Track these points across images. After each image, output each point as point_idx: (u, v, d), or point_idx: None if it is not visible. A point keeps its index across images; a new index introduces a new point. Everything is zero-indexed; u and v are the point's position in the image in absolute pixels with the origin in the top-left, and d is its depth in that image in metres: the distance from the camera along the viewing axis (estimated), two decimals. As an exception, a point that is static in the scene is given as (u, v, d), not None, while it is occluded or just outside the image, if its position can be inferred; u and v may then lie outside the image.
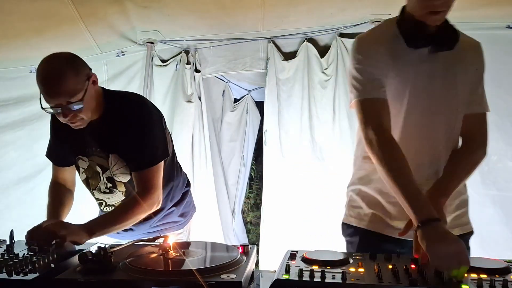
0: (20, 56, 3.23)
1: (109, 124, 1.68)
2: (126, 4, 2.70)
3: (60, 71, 1.53)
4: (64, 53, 1.60)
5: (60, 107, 1.55)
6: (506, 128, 2.75)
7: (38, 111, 3.26)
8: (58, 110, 1.56)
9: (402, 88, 1.51)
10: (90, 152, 1.74)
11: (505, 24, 2.79)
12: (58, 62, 1.56)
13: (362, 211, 1.62)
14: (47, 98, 1.56)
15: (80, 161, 1.78)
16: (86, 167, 1.78)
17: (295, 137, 3.26)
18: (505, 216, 2.79)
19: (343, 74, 3.06)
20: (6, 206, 3.36)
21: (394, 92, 1.51)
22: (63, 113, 1.56)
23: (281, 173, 3.28)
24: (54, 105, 1.55)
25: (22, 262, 1.26)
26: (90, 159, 1.76)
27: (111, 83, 3.36)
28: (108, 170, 1.74)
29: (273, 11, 2.83)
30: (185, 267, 1.19)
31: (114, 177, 1.75)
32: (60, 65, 1.55)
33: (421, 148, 1.53)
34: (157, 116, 1.75)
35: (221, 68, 3.45)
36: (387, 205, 1.56)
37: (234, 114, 4.25)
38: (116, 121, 1.66)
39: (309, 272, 1.11)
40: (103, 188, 1.79)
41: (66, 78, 1.52)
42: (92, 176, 1.79)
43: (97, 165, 1.75)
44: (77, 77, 1.55)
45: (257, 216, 4.86)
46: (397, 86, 1.52)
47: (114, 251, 1.30)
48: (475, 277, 1.13)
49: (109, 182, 1.77)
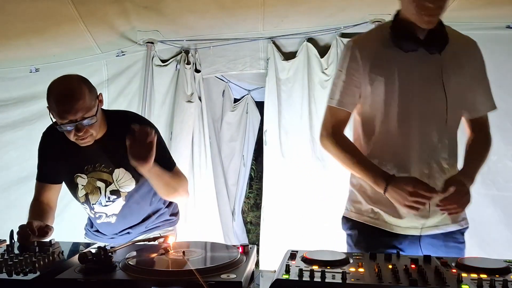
0: (20, 56, 3.23)
1: (114, 141, 1.76)
2: (126, 4, 2.70)
3: (76, 88, 1.64)
4: (75, 74, 1.73)
5: (75, 123, 1.63)
6: (506, 128, 2.75)
7: (38, 111, 3.31)
8: (70, 127, 1.64)
9: (392, 91, 1.57)
10: (90, 169, 1.83)
11: (505, 24, 2.80)
12: (72, 81, 1.68)
13: (362, 207, 1.68)
14: (62, 115, 1.63)
15: (79, 179, 1.85)
16: (85, 183, 1.85)
17: (295, 137, 3.26)
18: (505, 216, 2.79)
19: (343, 74, 3.06)
20: (6, 206, 3.36)
21: (384, 95, 1.57)
22: (77, 129, 1.64)
23: (281, 173, 3.28)
24: (68, 121, 1.63)
25: (22, 262, 1.26)
26: (90, 176, 1.84)
27: (111, 83, 3.36)
28: (112, 183, 1.83)
29: (273, 11, 2.83)
30: (185, 267, 1.19)
31: (120, 189, 1.85)
32: (74, 83, 1.67)
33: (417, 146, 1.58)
34: (157, 130, 1.86)
35: (221, 68, 3.45)
36: (385, 201, 1.59)
37: (234, 114, 4.25)
38: (121, 137, 1.70)
39: (309, 272, 1.11)
40: (105, 202, 1.86)
41: (82, 94, 1.63)
42: (92, 191, 1.86)
43: (99, 180, 1.83)
44: (90, 94, 1.67)
45: (257, 216, 4.85)
46: (388, 89, 1.56)
47: (114, 251, 1.30)
48: (475, 277, 1.13)
49: (113, 195, 1.86)
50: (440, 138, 1.59)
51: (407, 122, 1.57)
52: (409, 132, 1.58)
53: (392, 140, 1.60)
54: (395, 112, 1.57)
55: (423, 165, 1.58)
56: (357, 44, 1.64)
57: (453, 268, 1.21)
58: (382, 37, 1.60)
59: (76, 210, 2.16)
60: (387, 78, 1.57)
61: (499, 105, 1.68)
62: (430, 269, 1.19)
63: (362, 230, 1.66)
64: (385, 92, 1.57)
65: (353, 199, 1.72)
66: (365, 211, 1.66)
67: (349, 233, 1.72)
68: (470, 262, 1.23)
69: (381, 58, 1.58)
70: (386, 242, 1.60)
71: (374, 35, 1.69)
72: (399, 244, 1.60)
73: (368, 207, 1.65)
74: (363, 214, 1.67)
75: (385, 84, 1.57)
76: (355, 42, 1.65)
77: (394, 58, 1.56)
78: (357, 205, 1.69)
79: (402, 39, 1.55)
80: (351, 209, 1.71)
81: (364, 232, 1.65)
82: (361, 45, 1.63)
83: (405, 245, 1.61)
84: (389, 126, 1.59)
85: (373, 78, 1.58)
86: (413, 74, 1.56)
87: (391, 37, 1.57)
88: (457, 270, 1.18)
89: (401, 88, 1.56)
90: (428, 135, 1.58)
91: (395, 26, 1.59)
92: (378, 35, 1.65)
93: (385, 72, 1.57)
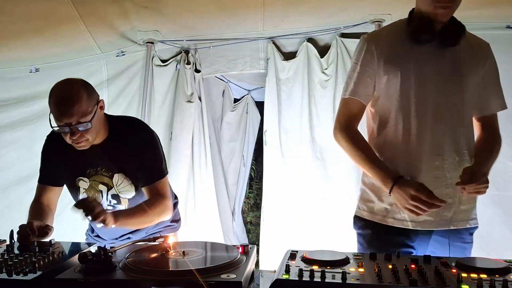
0: (20, 56, 3.23)
1: (115, 146, 1.80)
2: (126, 4, 2.70)
3: (74, 92, 1.66)
4: (78, 79, 1.75)
5: (69, 126, 1.64)
6: (506, 128, 2.73)
7: (38, 111, 3.32)
8: (66, 129, 1.65)
9: (407, 83, 1.58)
10: (92, 172, 1.84)
11: (505, 24, 2.80)
12: (73, 84, 1.70)
13: (374, 206, 1.67)
14: (58, 117, 1.65)
15: (81, 182, 1.87)
16: (87, 187, 1.86)
17: (295, 137, 3.26)
18: (505, 216, 2.78)
19: (343, 74, 3.06)
20: (6, 206, 3.36)
21: (399, 87, 1.58)
22: (71, 132, 1.66)
23: (281, 173, 3.27)
24: (64, 124, 1.64)
25: (22, 262, 1.26)
26: (92, 179, 1.85)
27: (111, 83, 3.36)
28: (113, 188, 1.85)
29: (273, 11, 2.83)
30: (185, 267, 1.19)
31: (119, 194, 1.86)
32: (74, 87, 1.68)
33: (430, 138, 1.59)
34: (157, 137, 1.90)
35: (221, 68, 3.45)
36: None
37: (234, 114, 4.25)
38: (122, 143, 1.79)
39: (309, 272, 1.11)
40: (106, 205, 1.87)
41: (79, 99, 1.64)
42: (93, 195, 1.87)
43: (101, 184, 1.85)
44: (88, 100, 1.68)
45: (257, 216, 4.85)
46: (404, 81, 1.58)
47: (114, 251, 1.30)
48: (475, 277, 1.13)
49: (114, 199, 1.87)
50: (454, 131, 1.59)
51: (423, 113, 1.58)
52: (424, 123, 1.58)
53: (406, 132, 1.59)
54: (411, 104, 1.58)
55: (436, 157, 1.58)
56: (372, 37, 1.68)
57: (453, 268, 1.21)
58: (398, 31, 1.63)
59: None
60: (402, 69, 1.58)
61: (499, 105, 1.71)
62: (430, 269, 1.19)
63: (375, 230, 1.65)
64: (400, 83, 1.58)
65: (365, 198, 1.71)
66: (378, 210, 1.65)
67: (361, 232, 1.71)
68: (470, 262, 1.24)
69: (396, 51, 1.60)
70: (398, 241, 1.60)
71: (390, 30, 1.72)
72: (411, 242, 1.61)
73: (381, 206, 1.64)
74: (376, 213, 1.66)
75: (400, 75, 1.58)
76: (370, 35, 1.69)
77: (409, 50, 1.59)
78: (369, 204, 1.68)
79: (417, 31, 1.57)
80: (364, 208, 1.70)
81: (377, 232, 1.65)
82: (377, 38, 1.66)
83: (416, 243, 1.62)
84: (404, 117, 1.59)
85: (388, 70, 1.60)
86: (429, 66, 1.58)
87: (407, 31, 1.60)
88: (457, 270, 1.18)
89: (417, 80, 1.57)
90: (442, 128, 1.58)
91: (411, 20, 1.62)
92: (394, 30, 1.68)
93: (401, 64, 1.59)
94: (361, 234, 1.71)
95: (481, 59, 1.65)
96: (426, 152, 1.58)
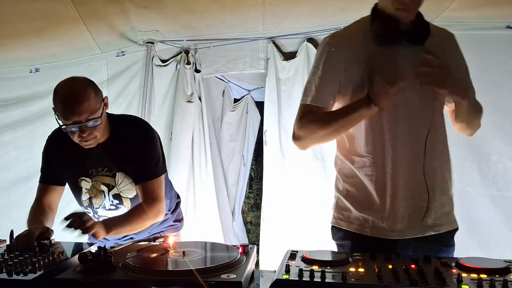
0: (20, 56, 3.23)
1: (116, 145, 1.80)
2: (126, 4, 2.70)
3: (81, 90, 1.65)
4: (82, 77, 1.75)
5: (79, 124, 1.63)
6: (506, 128, 2.75)
7: (38, 111, 3.31)
8: (75, 128, 1.64)
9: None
10: (94, 172, 1.83)
11: (505, 24, 2.79)
12: (79, 82, 1.70)
13: (351, 214, 1.59)
14: (67, 116, 1.63)
15: (83, 182, 1.86)
16: (89, 187, 1.86)
17: (295, 137, 3.25)
18: (505, 216, 2.78)
19: (343, 74, 3.06)
20: (6, 206, 3.36)
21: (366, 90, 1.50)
22: (81, 130, 1.65)
23: (281, 173, 3.27)
24: (73, 122, 1.63)
25: (22, 262, 1.26)
26: (94, 179, 1.84)
27: (111, 83, 3.36)
28: (115, 187, 1.84)
29: (273, 11, 2.83)
30: (185, 267, 1.19)
31: (121, 194, 1.85)
32: (81, 85, 1.68)
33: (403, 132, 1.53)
34: (157, 136, 1.89)
35: (221, 68, 3.45)
36: (377, 207, 1.54)
37: (234, 114, 4.25)
38: (123, 142, 1.79)
39: (309, 272, 1.11)
40: (108, 206, 1.87)
41: (88, 96, 1.64)
42: (95, 195, 1.86)
43: (102, 184, 1.84)
44: (96, 97, 1.68)
45: (257, 216, 4.85)
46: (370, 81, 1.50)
47: (114, 251, 1.30)
48: (475, 277, 1.13)
49: (116, 199, 1.87)
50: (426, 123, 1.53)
51: (395, 116, 1.52)
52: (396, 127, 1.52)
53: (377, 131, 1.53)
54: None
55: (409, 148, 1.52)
56: (333, 39, 1.58)
57: (453, 268, 1.21)
58: (362, 31, 1.55)
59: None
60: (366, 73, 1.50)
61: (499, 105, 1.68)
62: (430, 269, 1.18)
63: (355, 240, 1.56)
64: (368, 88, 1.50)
65: (340, 206, 1.63)
66: (356, 219, 1.57)
67: (340, 243, 1.62)
68: (470, 262, 1.23)
69: (360, 53, 1.52)
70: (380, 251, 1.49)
71: (353, 29, 1.63)
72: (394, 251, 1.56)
73: (358, 215, 1.56)
74: (353, 222, 1.57)
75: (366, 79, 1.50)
76: (331, 38, 1.60)
77: (374, 52, 1.51)
78: (345, 213, 1.60)
79: (383, 32, 1.50)
80: (340, 218, 1.62)
81: (357, 242, 1.55)
82: (339, 40, 1.57)
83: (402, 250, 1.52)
84: (375, 121, 1.52)
85: (352, 74, 1.52)
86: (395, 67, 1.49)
87: (371, 31, 1.52)
88: (457, 270, 1.18)
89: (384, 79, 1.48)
90: (414, 121, 1.52)
91: (374, 19, 1.55)
92: (357, 30, 1.59)
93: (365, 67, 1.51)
94: (341, 245, 1.62)
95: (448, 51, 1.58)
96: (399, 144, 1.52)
